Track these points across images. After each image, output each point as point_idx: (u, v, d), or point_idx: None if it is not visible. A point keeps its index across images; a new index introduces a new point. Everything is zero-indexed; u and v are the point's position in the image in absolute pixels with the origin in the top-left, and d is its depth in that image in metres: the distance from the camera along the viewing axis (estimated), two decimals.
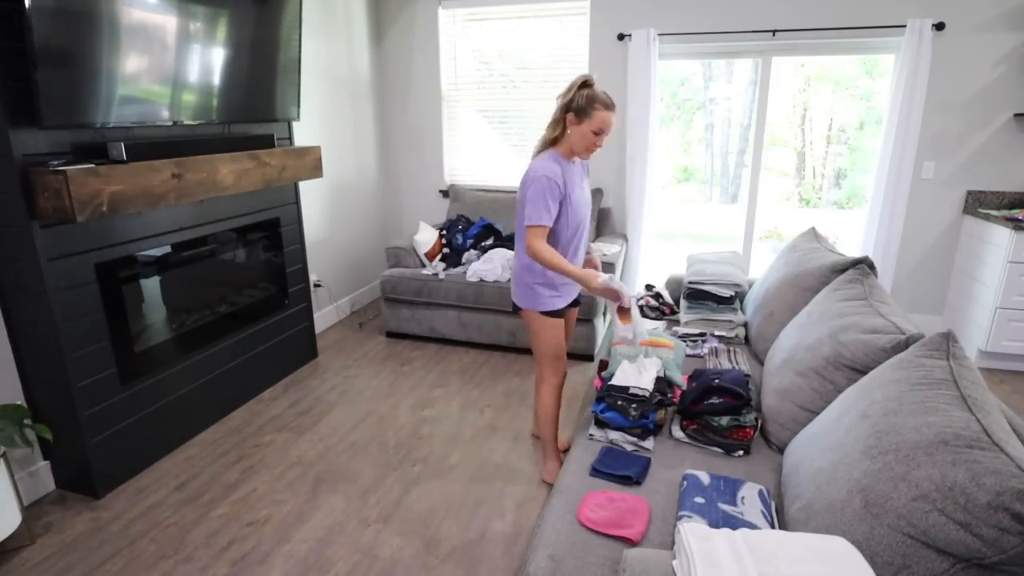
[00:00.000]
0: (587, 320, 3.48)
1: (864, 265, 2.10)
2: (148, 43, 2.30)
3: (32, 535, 2.15)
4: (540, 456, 2.62)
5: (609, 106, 2.05)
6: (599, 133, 2.06)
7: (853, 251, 3.69)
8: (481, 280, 3.60)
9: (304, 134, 3.73)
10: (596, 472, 1.70)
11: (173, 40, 2.40)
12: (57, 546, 2.11)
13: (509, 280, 3.56)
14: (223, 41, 2.65)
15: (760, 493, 1.52)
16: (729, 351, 2.47)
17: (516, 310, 2.33)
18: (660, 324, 2.88)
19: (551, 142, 2.16)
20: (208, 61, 2.60)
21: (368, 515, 2.27)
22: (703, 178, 6.32)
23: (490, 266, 3.61)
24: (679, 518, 1.45)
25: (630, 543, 1.41)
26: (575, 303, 2.42)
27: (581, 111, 2.05)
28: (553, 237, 2.15)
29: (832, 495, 1.26)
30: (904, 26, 3.42)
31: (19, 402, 2.25)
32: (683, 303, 2.87)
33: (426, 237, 3.97)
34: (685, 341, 2.60)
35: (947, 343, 1.36)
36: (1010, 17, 3.35)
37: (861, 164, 5.34)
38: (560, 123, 2.11)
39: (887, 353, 1.59)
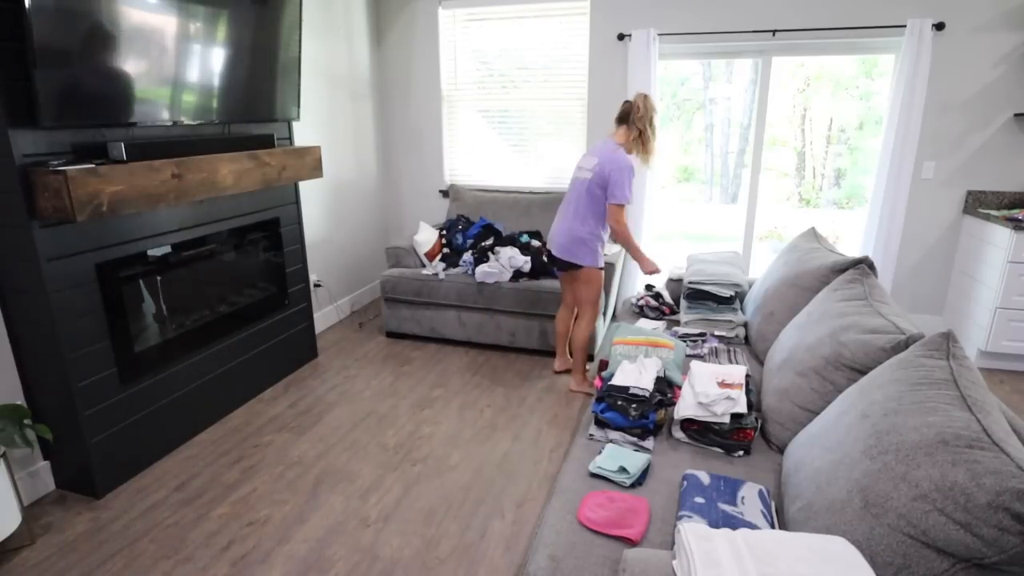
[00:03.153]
0: None
1: (864, 265, 2.10)
2: (148, 43, 2.30)
3: (32, 535, 2.15)
4: (572, 372, 3.27)
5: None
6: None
7: (853, 251, 3.69)
8: (483, 282, 3.59)
9: (304, 134, 3.73)
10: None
11: (173, 40, 2.40)
12: (57, 546, 2.11)
13: (514, 276, 3.63)
14: (223, 41, 2.65)
15: (760, 493, 1.52)
16: (729, 351, 2.47)
17: (566, 267, 2.97)
18: (660, 324, 2.88)
19: (627, 148, 2.81)
20: (208, 61, 2.60)
21: (368, 515, 2.27)
22: (703, 178, 6.32)
23: (498, 268, 3.61)
24: (679, 518, 1.45)
25: (630, 543, 1.41)
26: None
27: (653, 124, 2.77)
28: (600, 214, 2.85)
29: (832, 495, 1.26)
30: (904, 26, 3.42)
31: (19, 402, 2.26)
32: (683, 303, 2.87)
33: (426, 237, 3.97)
34: (685, 341, 2.60)
35: (947, 343, 1.36)
36: (1010, 17, 3.35)
37: (861, 164, 5.34)
38: (643, 135, 2.78)
39: (887, 353, 1.59)
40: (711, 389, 1.85)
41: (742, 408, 1.80)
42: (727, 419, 1.79)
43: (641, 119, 2.76)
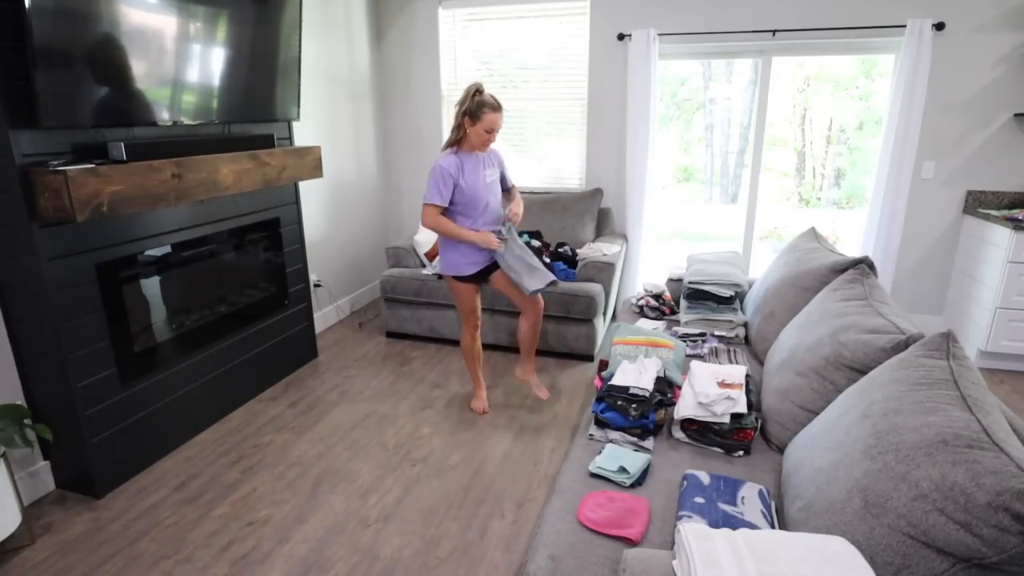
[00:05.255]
0: (587, 320, 3.49)
1: (864, 265, 2.10)
2: (148, 43, 2.30)
3: (32, 535, 2.15)
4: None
5: (496, 108, 2.53)
6: (490, 131, 2.55)
7: (853, 251, 3.69)
8: None
9: (304, 134, 3.73)
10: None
11: (173, 40, 2.40)
12: (57, 546, 2.11)
13: None
14: (223, 41, 2.65)
15: (760, 493, 1.52)
16: (729, 351, 2.47)
17: (439, 277, 3.00)
18: (660, 324, 2.88)
19: (455, 142, 2.61)
20: (208, 61, 2.60)
21: (368, 515, 2.27)
22: (703, 178, 6.32)
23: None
24: (679, 518, 1.45)
25: (630, 543, 1.41)
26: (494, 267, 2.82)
27: (473, 115, 2.52)
28: (456, 212, 2.66)
29: (832, 495, 1.26)
30: (904, 26, 3.42)
31: (19, 402, 2.26)
32: (683, 303, 2.87)
33: (426, 237, 3.97)
34: (685, 341, 2.60)
35: (947, 343, 1.36)
36: (1010, 17, 3.35)
37: (861, 164, 5.34)
38: (461, 127, 2.57)
39: (887, 353, 1.59)
40: (711, 389, 1.85)
41: (742, 408, 1.80)
42: (727, 419, 1.79)
43: (459, 104, 2.56)
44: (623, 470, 1.66)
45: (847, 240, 5.03)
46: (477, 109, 2.50)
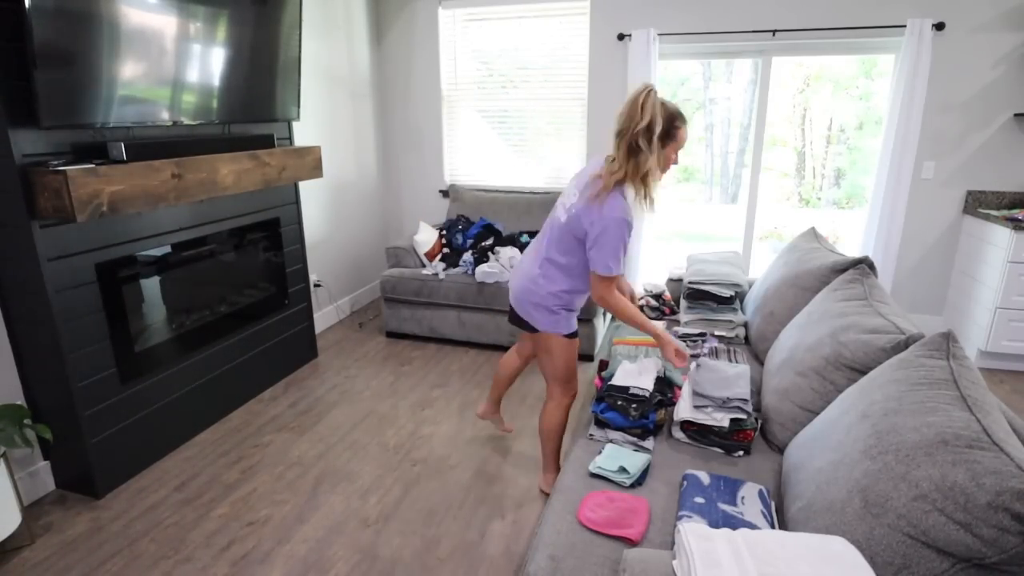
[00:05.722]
0: (587, 320, 3.48)
1: (864, 265, 2.10)
2: (148, 43, 2.30)
3: (32, 535, 2.15)
4: (539, 467, 2.52)
5: (685, 119, 1.85)
6: (678, 150, 1.88)
7: (853, 251, 3.69)
8: (483, 282, 3.59)
9: (304, 134, 3.73)
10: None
11: (173, 40, 2.40)
12: (57, 546, 2.11)
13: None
14: (223, 41, 2.65)
15: (760, 493, 1.52)
16: (729, 351, 2.47)
17: (519, 323, 2.14)
18: (660, 324, 2.87)
19: (622, 180, 1.83)
20: (208, 61, 2.60)
21: (368, 515, 2.27)
22: (703, 178, 6.32)
23: (499, 268, 3.60)
24: (679, 518, 1.45)
25: (630, 543, 1.41)
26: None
27: (666, 135, 1.81)
28: (576, 273, 1.97)
29: (832, 495, 1.26)
30: (904, 26, 3.42)
31: (19, 402, 2.26)
32: (683, 303, 2.87)
33: (426, 237, 3.97)
34: (685, 341, 2.60)
35: (947, 343, 1.36)
36: (1010, 17, 3.35)
37: (861, 164, 5.34)
38: (641, 154, 1.78)
39: (887, 353, 1.59)
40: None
41: (742, 416, 1.80)
42: (726, 422, 1.79)
43: (636, 130, 1.76)
44: (623, 470, 1.66)
45: (847, 240, 5.03)
46: (670, 127, 1.81)
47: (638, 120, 1.75)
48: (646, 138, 1.75)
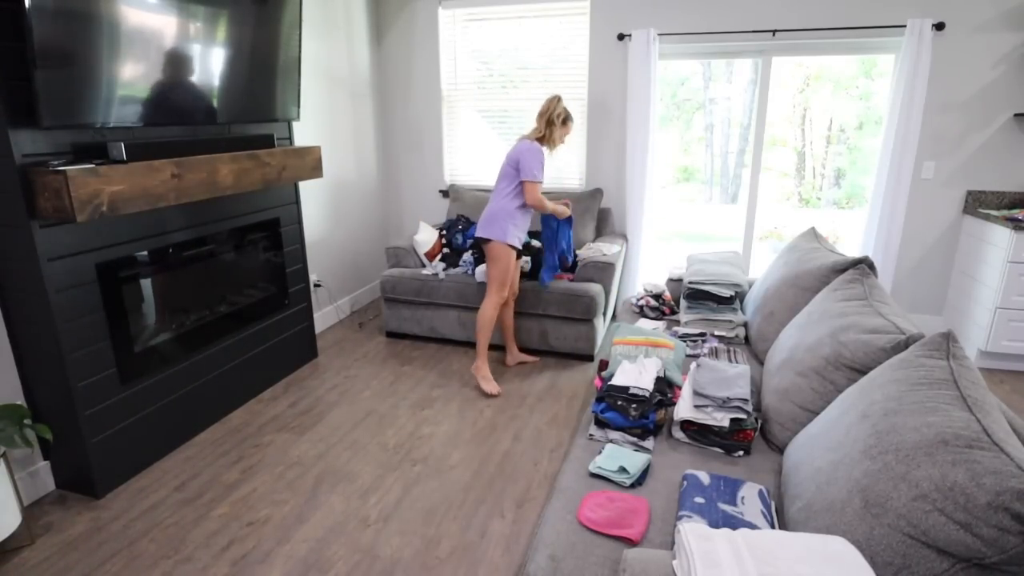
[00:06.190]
0: (587, 320, 3.49)
1: (864, 265, 2.10)
2: (148, 43, 2.30)
3: (32, 535, 2.15)
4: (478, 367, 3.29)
5: (573, 119, 3.20)
6: (567, 135, 3.18)
7: (853, 251, 3.69)
8: (483, 282, 3.59)
9: (304, 134, 3.73)
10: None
11: (173, 40, 2.40)
12: (57, 546, 2.11)
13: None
14: (223, 41, 2.65)
15: (760, 493, 1.52)
16: (729, 351, 2.47)
17: (481, 242, 3.14)
18: (660, 324, 2.88)
19: (539, 139, 3.11)
20: (208, 61, 2.59)
21: (368, 515, 2.27)
22: (703, 178, 6.32)
23: None
24: (679, 518, 1.45)
25: (630, 543, 1.41)
26: (520, 253, 3.30)
27: (563, 123, 3.11)
28: (518, 194, 3.11)
29: (832, 495, 1.26)
30: (904, 26, 3.42)
31: (19, 402, 2.26)
32: (683, 303, 2.87)
33: (426, 237, 3.97)
34: (685, 341, 2.60)
35: (947, 343, 1.36)
36: (1010, 17, 3.35)
37: (861, 164, 5.34)
38: (550, 127, 3.09)
39: (887, 353, 1.59)
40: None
41: (742, 416, 1.80)
42: (727, 422, 1.79)
43: (546, 117, 3.11)
44: (623, 470, 1.66)
45: (847, 240, 5.03)
46: (567, 117, 3.12)
47: (552, 109, 3.08)
48: (557, 118, 3.09)
